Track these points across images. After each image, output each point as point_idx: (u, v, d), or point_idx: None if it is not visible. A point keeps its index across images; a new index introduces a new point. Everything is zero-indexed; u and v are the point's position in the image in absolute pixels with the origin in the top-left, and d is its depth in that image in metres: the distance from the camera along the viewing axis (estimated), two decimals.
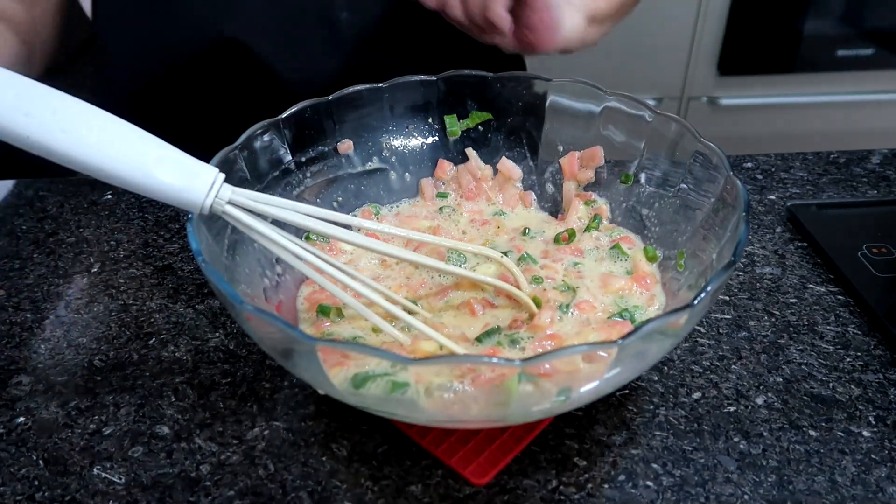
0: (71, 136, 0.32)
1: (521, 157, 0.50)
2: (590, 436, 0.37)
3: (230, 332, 0.44)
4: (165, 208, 0.56)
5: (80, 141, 0.32)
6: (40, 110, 0.32)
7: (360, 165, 0.49)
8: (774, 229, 0.52)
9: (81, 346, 0.43)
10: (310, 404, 0.39)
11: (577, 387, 0.30)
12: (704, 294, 0.29)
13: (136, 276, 0.49)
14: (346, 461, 0.36)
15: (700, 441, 0.36)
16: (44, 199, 0.58)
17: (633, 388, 0.39)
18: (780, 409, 0.38)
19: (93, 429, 0.38)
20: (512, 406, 0.31)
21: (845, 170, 0.59)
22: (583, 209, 0.46)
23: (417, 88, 0.48)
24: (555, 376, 0.29)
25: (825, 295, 0.46)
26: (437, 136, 0.50)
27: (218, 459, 0.36)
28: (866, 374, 0.40)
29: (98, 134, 0.32)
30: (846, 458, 0.35)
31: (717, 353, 0.41)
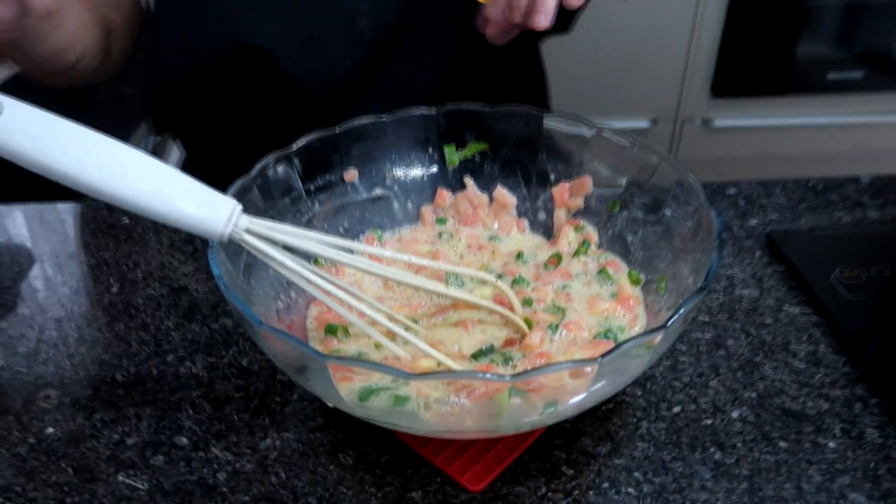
0: (105, 174, 0.35)
1: (516, 185, 0.53)
2: (577, 446, 0.40)
3: (242, 350, 0.47)
4: (180, 231, 0.59)
5: (113, 177, 0.35)
6: (77, 150, 0.35)
7: (364, 193, 0.52)
8: (754, 253, 0.55)
9: (105, 363, 0.46)
10: (318, 417, 0.42)
11: (562, 400, 0.33)
12: (677, 316, 0.32)
13: (154, 297, 0.52)
14: (351, 469, 0.39)
15: (678, 451, 0.39)
16: (64, 223, 0.61)
17: (617, 402, 0.42)
18: (753, 423, 0.41)
19: (117, 439, 0.41)
20: (503, 418, 0.34)
21: (823, 196, 0.62)
22: (573, 235, 0.50)
23: (418, 121, 0.52)
24: (542, 391, 0.32)
25: (799, 316, 0.49)
26: (437, 166, 0.53)
27: (233, 468, 0.39)
28: (834, 389, 0.43)
29: (129, 170, 0.36)
30: (812, 468, 0.38)
31: (697, 370, 0.45)
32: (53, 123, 0.35)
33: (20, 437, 0.41)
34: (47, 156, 0.35)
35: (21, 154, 0.34)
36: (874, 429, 0.40)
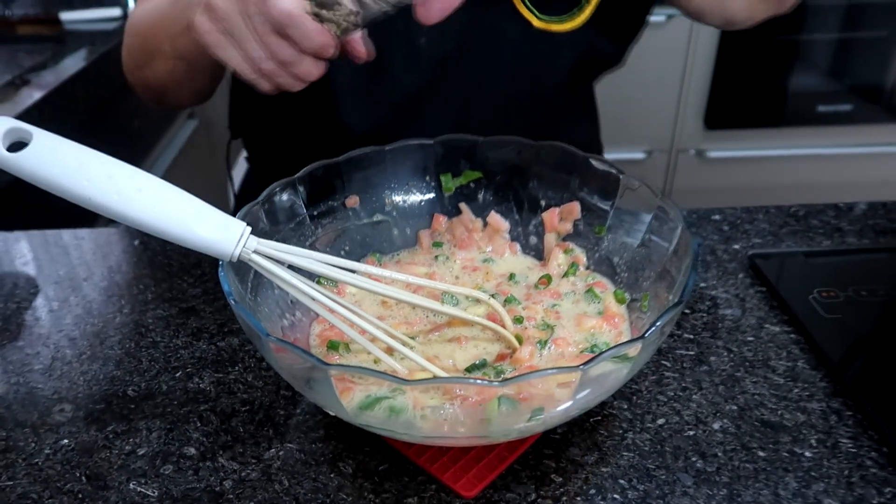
0: (124, 198, 0.38)
1: (509, 210, 0.56)
2: (566, 456, 0.42)
3: (248, 367, 0.49)
4: (188, 255, 0.62)
5: (131, 201, 0.38)
6: (99, 176, 0.38)
7: (365, 218, 0.55)
8: (737, 275, 0.58)
9: (116, 378, 0.48)
10: (319, 429, 0.44)
11: (549, 407, 0.35)
12: (654, 328, 0.35)
13: (163, 317, 0.54)
14: (351, 478, 0.41)
15: (662, 460, 0.41)
16: (79, 248, 0.64)
17: (604, 415, 0.45)
18: (733, 433, 0.43)
19: (128, 450, 0.43)
20: (494, 423, 0.36)
21: (804, 222, 0.65)
22: (562, 257, 0.52)
23: (416, 150, 0.55)
24: (529, 399, 0.34)
25: (779, 334, 0.51)
26: (434, 193, 0.56)
27: (239, 476, 0.41)
28: (811, 402, 0.45)
29: (146, 195, 0.38)
30: (789, 475, 0.40)
31: (681, 385, 0.47)
32: (78, 151, 0.38)
33: (36, 448, 0.43)
34: (72, 181, 0.38)
35: (49, 180, 0.37)
36: (848, 439, 0.42)
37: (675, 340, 0.51)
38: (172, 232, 0.39)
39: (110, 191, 0.38)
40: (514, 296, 0.49)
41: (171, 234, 0.39)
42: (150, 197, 0.38)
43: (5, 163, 0.37)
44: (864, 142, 1.94)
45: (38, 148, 0.37)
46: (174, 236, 0.39)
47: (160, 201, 0.39)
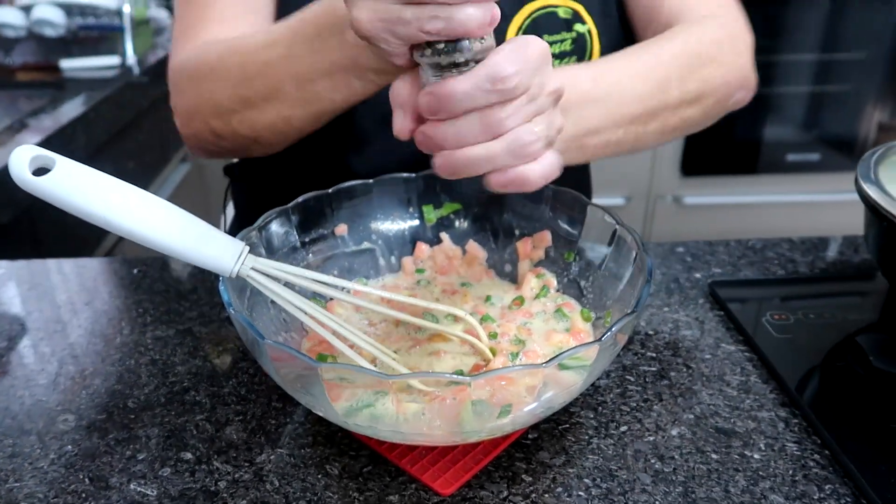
0: (136, 218, 0.42)
1: (486, 239, 0.61)
2: (535, 458, 0.45)
3: (241, 381, 0.53)
4: (184, 282, 0.66)
5: (143, 222, 0.42)
6: (114, 198, 0.42)
7: (353, 245, 0.59)
8: (697, 301, 0.62)
9: (117, 392, 0.52)
10: (308, 436, 0.47)
11: (516, 405, 0.39)
12: (609, 333, 0.39)
13: (162, 337, 0.58)
14: (337, 478, 0.44)
15: (624, 462, 0.45)
16: (81, 276, 0.67)
17: (572, 423, 0.48)
18: (689, 439, 0.47)
19: (129, 455, 0.46)
20: (467, 423, 0.40)
21: (760, 254, 0.70)
22: (535, 281, 0.57)
23: (400, 184, 0.60)
24: (497, 395, 0.38)
25: (734, 352, 0.56)
26: (417, 223, 0.61)
27: (233, 477, 0.44)
28: (761, 412, 0.49)
29: (156, 217, 0.43)
30: (739, 475, 0.44)
31: (643, 397, 0.51)
32: (96, 176, 0.42)
33: (41, 453, 0.46)
34: (90, 204, 0.42)
35: (69, 202, 0.41)
36: (793, 443, 0.46)
37: (638, 358, 0.55)
38: (179, 250, 0.43)
39: (124, 212, 0.42)
40: (490, 315, 0.53)
41: (178, 251, 0.43)
42: (160, 218, 0.43)
43: (31, 186, 0.41)
44: (832, 188, 2.03)
45: (60, 173, 0.41)
46: (180, 254, 0.43)
47: (169, 222, 0.43)
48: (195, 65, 0.59)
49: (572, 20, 0.69)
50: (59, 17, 1.53)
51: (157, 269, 0.68)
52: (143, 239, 0.42)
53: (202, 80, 0.58)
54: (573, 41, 0.69)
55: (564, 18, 0.69)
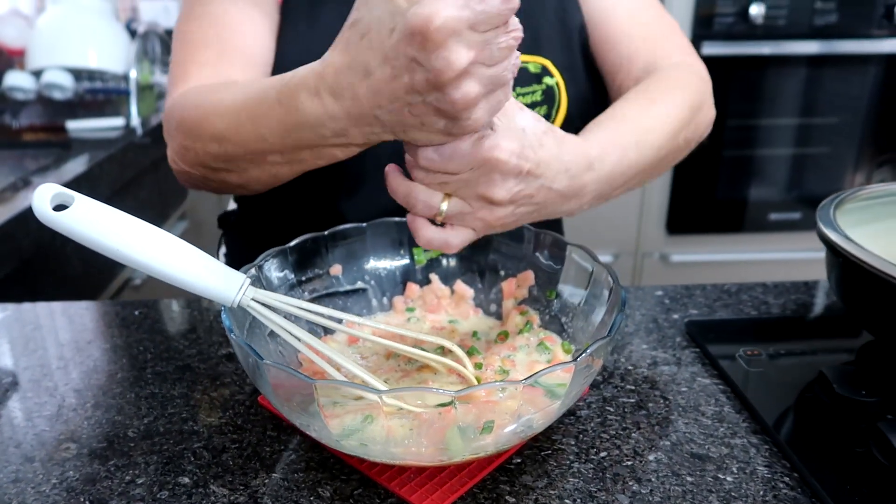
0: (148, 252, 0.45)
1: (473, 280, 0.64)
2: (519, 482, 0.47)
3: (237, 413, 0.55)
4: (183, 322, 0.68)
5: (154, 256, 0.45)
6: (128, 232, 0.46)
7: (347, 285, 0.62)
8: (675, 339, 0.65)
9: (117, 422, 0.54)
10: (301, 462, 0.49)
11: (498, 421, 0.42)
12: (584, 354, 0.42)
13: (161, 373, 0.60)
14: (329, 500, 0.46)
15: (603, 485, 0.47)
16: (83, 317, 0.70)
17: (554, 449, 0.51)
18: (666, 463, 0.49)
19: (128, 479, 0.48)
20: (453, 439, 0.42)
21: (735, 297, 0.74)
22: (518, 318, 0.60)
23: (392, 227, 0.63)
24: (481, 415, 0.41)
25: (709, 385, 0.58)
26: (408, 263, 0.64)
27: (228, 500, 0.46)
28: (734, 439, 0.52)
29: (166, 251, 0.46)
30: (713, 496, 0.46)
31: (622, 425, 0.53)
32: (112, 213, 0.46)
33: (44, 478, 0.48)
34: (106, 238, 0.45)
35: (86, 236, 0.45)
36: (764, 467, 0.49)
37: (618, 390, 0.58)
38: (186, 280, 0.46)
39: (136, 245, 0.45)
40: (476, 347, 0.56)
41: (185, 282, 0.46)
42: (168, 251, 0.46)
43: (51, 221, 0.44)
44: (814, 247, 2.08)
45: (79, 209, 0.45)
46: (187, 284, 0.46)
47: (177, 255, 0.46)
48: (180, 115, 0.60)
49: (541, 74, 0.75)
50: (68, 81, 1.60)
51: (158, 310, 0.71)
52: (152, 270, 0.45)
53: (187, 135, 0.60)
54: (543, 92, 0.74)
55: (534, 73, 0.74)
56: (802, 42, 1.92)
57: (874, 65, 2.00)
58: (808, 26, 1.93)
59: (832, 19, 1.90)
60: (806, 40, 1.92)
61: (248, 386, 0.58)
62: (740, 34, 1.89)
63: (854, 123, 2.12)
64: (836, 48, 1.94)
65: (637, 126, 0.61)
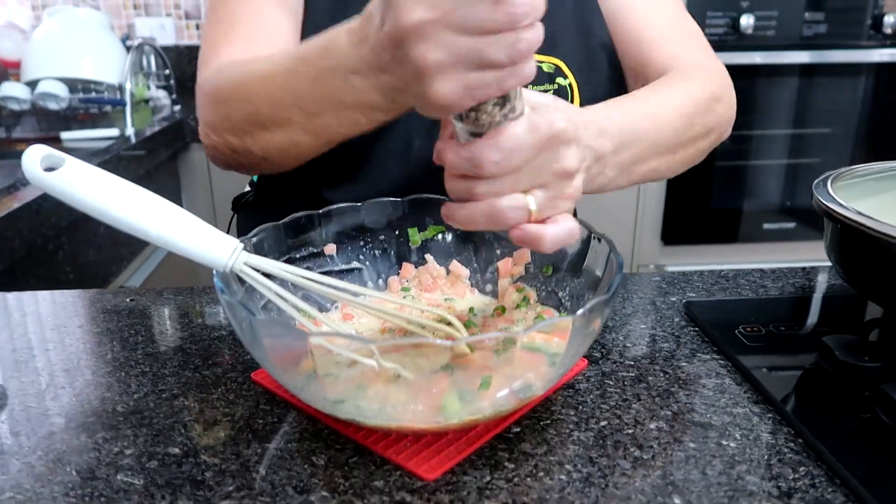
0: (137, 211, 0.45)
1: (468, 259, 0.63)
2: (518, 449, 0.46)
3: (230, 389, 0.54)
4: (176, 307, 0.67)
5: (145, 218, 0.45)
6: (118, 194, 0.45)
7: (341, 264, 0.62)
8: (673, 320, 0.65)
9: (106, 399, 0.53)
10: (295, 433, 0.48)
11: (495, 378, 0.41)
12: (583, 310, 0.41)
13: (152, 353, 0.59)
14: (323, 468, 0.45)
15: (604, 451, 0.46)
16: (73, 304, 0.69)
17: (553, 419, 0.50)
18: (668, 431, 0.48)
19: (116, 451, 0.46)
20: (451, 402, 0.41)
21: (733, 281, 0.73)
22: (515, 295, 0.59)
23: (387, 207, 0.63)
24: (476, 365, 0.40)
25: (709, 360, 0.58)
26: (403, 244, 0.64)
27: (219, 468, 0.45)
28: (736, 408, 0.51)
29: (158, 214, 0.45)
30: (716, 460, 0.45)
31: (622, 397, 0.52)
32: (102, 175, 0.45)
33: (30, 450, 0.46)
34: (96, 200, 0.45)
35: (75, 197, 0.44)
36: (768, 434, 0.48)
37: (617, 366, 0.57)
38: (177, 243, 0.45)
39: (126, 206, 0.45)
40: (473, 321, 0.55)
41: (176, 245, 0.45)
42: (159, 213, 0.45)
43: (41, 181, 0.44)
44: (807, 257, 2.09)
45: (69, 170, 0.44)
46: (178, 247, 0.46)
47: (168, 217, 0.46)
48: (213, 86, 0.62)
49: (554, 74, 0.75)
50: (63, 91, 1.60)
51: (150, 295, 0.70)
52: (143, 232, 0.45)
53: (220, 103, 0.61)
54: (555, 92, 0.74)
55: (547, 72, 0.75)
56: (792, 52, 1.94)
57: (864, 74, 2.03)
58: (798, 37, 1.96)
59: (821, 30, 1.93)
60: (796, 51, 1.95)
61: (241, 364, 0.57)
62: (731, 45, 1.92)
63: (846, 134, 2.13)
64: (825, 58, 1.96)
65: (648, 102, 0.61)
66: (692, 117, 0.64)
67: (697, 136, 0.66)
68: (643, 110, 0.60)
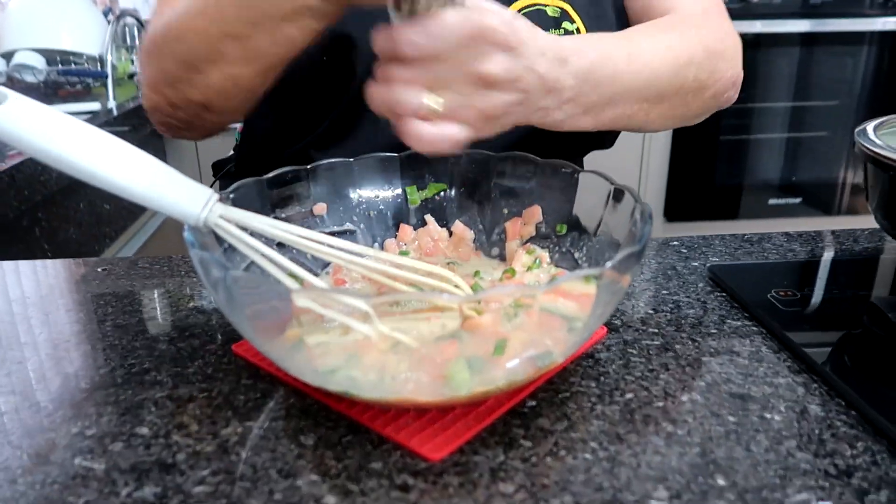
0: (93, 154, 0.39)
1: (473, 220, 0.58)
2: (534, 425, 0.41)
3: (208, 362, 0.48)
4: (151, 277, 0.61)
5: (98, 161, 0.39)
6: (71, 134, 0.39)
7: (333, 226, 0.56)
8: (697, 285, 0.59)
9: (69, 375, 0.47)
10: (280, 409, 0.42)
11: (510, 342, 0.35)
12: (613, 261, 0.35)
13: (123, 325, 0.53)
14: (312, 448, 0.39)
15: (632, 427, 0.41)
16: (40, 274, 0.63)
17: (573, 392, 0.44)
18: (703, 404, 0.43)
19: (76, 432, 0.41)
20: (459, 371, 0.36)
21: (758, 245, 0.68)
22: (526, 257, 0.53)
23: (383, 163, 0.57)
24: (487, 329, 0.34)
25: (741, 327, 0.52)
26: (400, 204, 0.58)
27: (193, 450, 0.39)
28: (777, 378, 0.45)
29: (115, 154, 0.39)
30: (760, 435, 0.40)
31: (648, 367, 0.47)
32: (52, 113, 0.39)
33: None
34: (42, 140, 0.38)
35: (21, 138, 0.38)
36: (816, 406, 0.42)
37: (640, 334, 0.51)
38: (137, 192, 0.39)
39: (81, 149, 0.39)
40: (480, 285, 0.49)
41: (136, 193, 0.39)
42: (119, 157, 0.39)
43: None
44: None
45: (12, 108, 0.38)
46: (140, 196, 0.39)
47: (129, 162, 0.39)
48: (148, 39, 0.58)
49: (560, 18, 0.69)
50: (40, 63, 1.53)
51: (123, 265, 0.64)
52: (100, 179, 0.39)
53: (153, 54, 0.57)
54: None
55: (553, 16, 0.68)
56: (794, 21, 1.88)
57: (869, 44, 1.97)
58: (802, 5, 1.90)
59: None
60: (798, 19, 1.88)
61: (222, 336, 0.51)
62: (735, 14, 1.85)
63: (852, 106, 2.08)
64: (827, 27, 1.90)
65: (632, 42, 0.55)
66: (682, 67, 0.58)
67: (687, 90, 0.60)
68: (624, 50, 0.54)
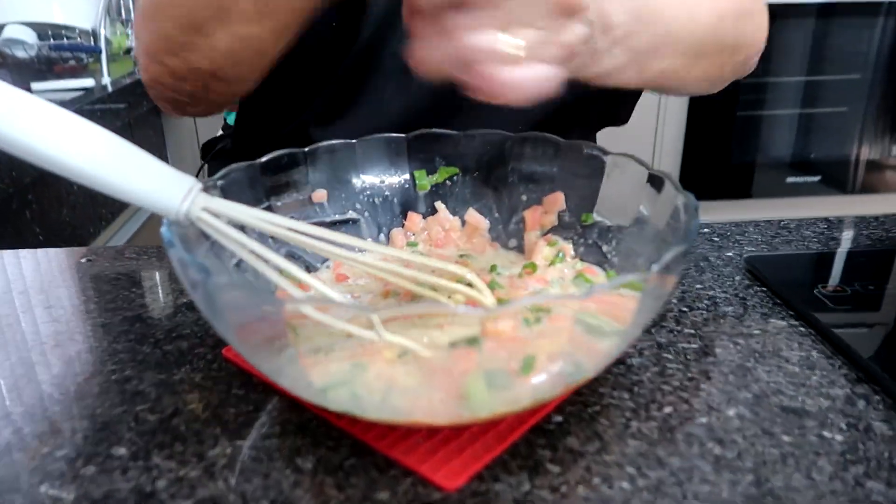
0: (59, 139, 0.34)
1: (488, 208, 0.52)
2: (562, 445, 0.36)
3: (196, 367, 0.43)
4: (136, 269, 0.57)
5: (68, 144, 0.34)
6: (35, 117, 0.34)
7: (334, 215, 0.51)
8: (734, 278, 0.54)
9: (41, 381, 0.42)
10: (275, 425, 0.38)
11: (539, 357, 0.30)
12: (660, 263, 0.30)
13: (105, 325, 0.48)
14: (310, 473, 0.34)
15: (674, 448, 0.36)
16: (17, 265, 0.58)
17: (603, 405, 0.39)
18: (752, 420, 0.38)
19: (45, 452, 0.36)
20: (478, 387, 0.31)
21: (797, 232, 0.62)
22: (547, 250, 0.48)
23: (388, 145, 0.52)
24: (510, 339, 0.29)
25: (787, 328, 0.47)
26: (408, 190, 0.52)
27: (175, 475, 0.34)
28: (833, 389, 0.40)
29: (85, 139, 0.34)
30: (822, 459, 0.35)
31: (686, 375, 0.42)
32: (14, 95, 0.34)
33: None
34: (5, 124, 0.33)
35: None
36: (881, 422, 0.37)
37: (674, 335, 0.46)
38: (113, 182, 0.34)
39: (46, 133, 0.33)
40: (497, 282, 0.44)
41: (112, 184, 0.34)
42: (90, 142, 0.34)
43: None
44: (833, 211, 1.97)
45: None
46: (115, 187, 0.34)
47: (102, 148, 0.34)
48: (145, 1, 0.52)
49: None
50: (31, 38, 1.47)
51: (108, 255, 0.59)
52: (69, 168, 0.34)
53: (152, 18, 0.51)
54: None
55: None
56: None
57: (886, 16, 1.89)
58: None
59: None
60: None
61: (212, 338, 0.46)
62: None
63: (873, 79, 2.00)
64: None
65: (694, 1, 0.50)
66: (727, 20, 0.55)
67: (725, 48, 0.56)
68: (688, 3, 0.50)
